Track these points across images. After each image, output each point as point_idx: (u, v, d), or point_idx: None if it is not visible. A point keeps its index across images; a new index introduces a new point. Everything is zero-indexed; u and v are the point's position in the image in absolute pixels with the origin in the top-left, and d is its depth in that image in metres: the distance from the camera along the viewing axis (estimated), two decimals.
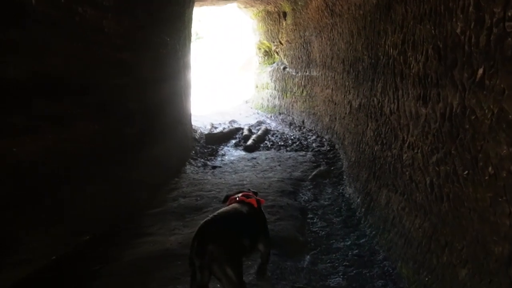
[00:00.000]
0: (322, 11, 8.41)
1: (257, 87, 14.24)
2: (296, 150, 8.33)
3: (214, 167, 7.15)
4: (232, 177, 6.34)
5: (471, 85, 2.26)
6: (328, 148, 8.07)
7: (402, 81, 3.46)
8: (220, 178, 6.29)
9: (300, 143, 8.97)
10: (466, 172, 2.30)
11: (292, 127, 11.04)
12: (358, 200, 4.72)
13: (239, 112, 14.27)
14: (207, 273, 2.46)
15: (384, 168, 3.92)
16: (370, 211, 4.22)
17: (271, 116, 12.75)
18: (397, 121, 3.58)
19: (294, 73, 11.30)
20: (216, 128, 11.47)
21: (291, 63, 11.50)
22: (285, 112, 12.07)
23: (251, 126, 11.53)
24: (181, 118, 7.39)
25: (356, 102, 5.82)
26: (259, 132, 9.92)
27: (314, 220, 4.68)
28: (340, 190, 5.61)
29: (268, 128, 11.06)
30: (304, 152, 8.08)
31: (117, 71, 4.40)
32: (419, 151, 3.01)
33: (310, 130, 10.10)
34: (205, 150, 8.56)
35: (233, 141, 9.58)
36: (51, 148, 3.24)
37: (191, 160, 7.48)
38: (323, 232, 4.34)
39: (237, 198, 3.08)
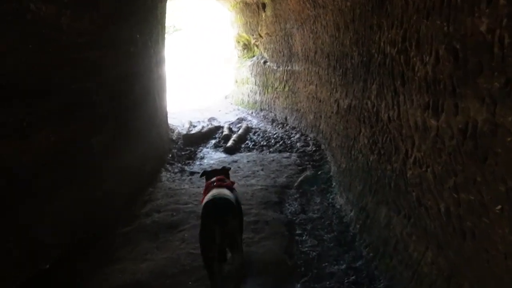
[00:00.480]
0: (304, 2, 7.89)
1: (236, 82, 13.68)
2: (280, 151, 7.84)
3: (192, 173, 6.61)
4: None
5: (505, 99, 1.79)
6: (313, 149, 7.61)
7: (403, 85, 2.99)
8: (198, 187, 5.75)
9: (284, 142, 8.48)
10: (500, 207, 1.84)
11: (274, 124, 10.54)
12: (352, 213, 4.26)
13: (218, 109, 13.70)
14: (226, 240, 3.09)
15: (382, 182, 3.46)
16: (366, 229, 3.76)
17: (252, 113, 12.23)
18: (397, 130, 3.11)
19: (275, 68, 10.78)
20: (194, 126, 10.89)
21: (272, 57, 10.97)
22: (267, 108, 11.57)
23: (232, 123, 11.00)
24: (156, 120, 6.82)
25: (344, 102, 5.34)
26: (240, 131, 9.39)
27: (303, 238, 4.21)
28: (330, 200, 5.15)
29: (250, 125, 10.54)
30: (288, 154, 7.60)
31: (82, 72, 3.83)
32: (429, 170, 2.55)
33: (294, 128, 9.63)
34: (183, 153, 8.00)
35: (213, 142, 9.03)
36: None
37: (168, 166, 6.92)
38: (314, 253, 3.87)
39: (214, 184, 3.55)
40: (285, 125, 10.14)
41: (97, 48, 4.15)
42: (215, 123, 11.31)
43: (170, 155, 7.57)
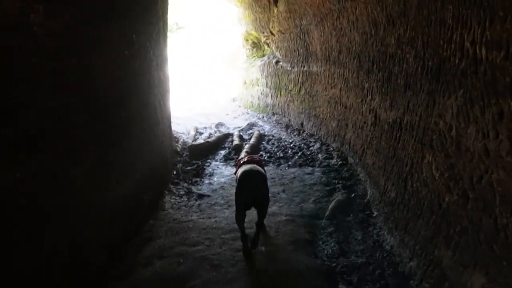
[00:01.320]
0: None
1: (245, 83, 12.69)
2: (300, 165, 6.86)
3: (200, 196, 5.65)
4: (225, 216, 4.84)
5: None
6: (339, 162, 6.63)
7: None
8: (210, 217, 4.79)
9: (303, 154, 7.50)
10: None
11: (289, 130, 9.56)
12: (413, 264, 3.28)
13: (226, 112, 12.73)
14: (258, 204, 3.97)
15: (473, 238, 2.47)
16: None
17: (263, 117, 11.24)
18: (507, 171, 2.13)
19: (289, 68, 9.79)
20: (201, 134, 9.94)
21: (285, 56, 9.97)
22: (280, 113, 10.57)
23: (242, 129, 10.03)
24: (158, 133, 5.85)
25: (388, 114, 4.35)
26: (252, 140, 8.41)
27: None
28: (374, 236, 4.15)
29: (262, 132, 9.57)
30: (310, 169, 6.61)
31: (55, 85, 2.87)
32: None
33: (312, 135, 8.65)
34: (189, 168, 7.03)
35: (222, 153, 8.06)
36: None
37: (171, 187, 5.96)
38: None
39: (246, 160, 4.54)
40: (301, 132, 9.16)
41: (78, 54, 3.18)
42: (223, 129, 10.35)
43: (175, 172, 6.60)
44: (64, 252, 3.01)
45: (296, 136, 8.98)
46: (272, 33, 10.40)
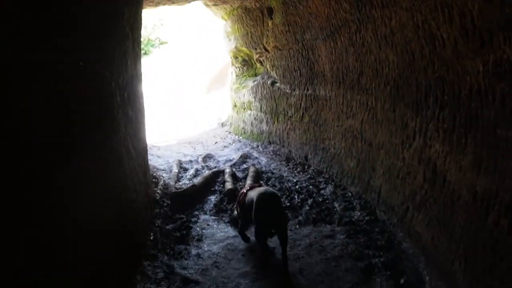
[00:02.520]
0: (339, 1, 5.46)
1: (235, 106, 11.18)
2: (315, 222, 5.32)
3: (186, 282, 4.07)
4: None
5: None
6: (365, 217, 5.13)
7: None
8: None
9: (315, 201, 5.98)
10: None
11: (291, 165, 8.05)
12: None
13: (214, 140, 11.17)
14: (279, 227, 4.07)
15: None
16: None
17: (258, 146, 9.71)
18: None
19: (288, 91, 8.32)
20: (186, 170, 8.41)
21: (283, 76, 8.50)
22: (278, 142, 9.06)
23: (234, 164, 8.49)
24: (128, 190, 4.27)
25: (470, 177, 2.86)
26: (249, 182, 6.87)
27: None
28: None
29: (259, 167, 8.06)
30: (329, 227, 5.10)
31: None
32: None
33: (320, 173, 7.15)
34: (170, 226, 5.45)
35: (213, 199, 6.52)
36: None
37: (147, 264, 4.36)
38: None
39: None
40: (306, 167, 7.66)
41: None
42: (212, 163, 8.81)
43: (152, 236, 5.01)
44: None
45: (301, 173, 7.46)
46: (266, 50, 8.95)
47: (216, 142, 10.88)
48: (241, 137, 10.80)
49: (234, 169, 8.05)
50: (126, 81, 4.48)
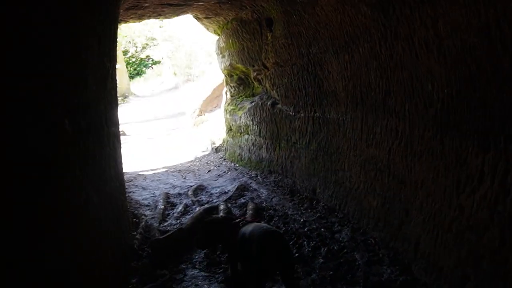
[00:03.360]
0: (356, 5, 4.46)
1: (231, 130, 10.10)
2: (332, 282, 4.17)
3: None
4: None
5: None
6: (400, 278, 3.99)
7: None
8: None
9: (329, 250, 4.84)
10: None
11: (296, 199, 6.94)
12: None
13: (207, 168, 10.05)
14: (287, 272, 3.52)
15: None
16: None
17: (256, 176, 8.59)
18: None
19: (291, 113, 7.26)
20: (173, 206, 7.31)
21: (285, 96, 7.45)
22: (280, 171, 7.96)
23: (230, 197, 7.39)
24: (80, 265, 3.13)
25: None
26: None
27: None
28: None
29: (258, 202, 6.96)
30: None
31: None
32: None
33: (332, 210, 6.04)
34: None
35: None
36: None
37: None
38: None
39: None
40: (314, 202, 6.55)
41: None
42: (204, 197, 7.72)
43: None
44: None
45: (309, 210, 6.34)
46: (265, 66, 7.93)
47: (209, 171, 9.76)
48: (237, 165, 9.69)
49: (229, 205, 6.95)
50: (85, 105, 3.40)
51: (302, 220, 5.96)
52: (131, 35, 35.00)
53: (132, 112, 23.39)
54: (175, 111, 21.12)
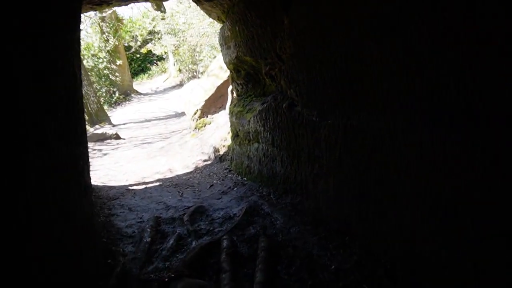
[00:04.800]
0: None
1: (237, 136, 8.57)
2: None
3: None
4: None
5: None
6: None
7: None
8: None
9: None
10: None
11: (322, 231, 5.41)
12: None
13: (209, 181, 8.56)
14: None
15: None
16: None
17: (269, 194, 7.07)
18: None
19: (315, 118, 5.70)
20: (164, 237, 5.90)
21: (307, 97, 5.91)
22: (299, 191, 6.42)
23: (236, 226, 5.91)
24: None
25: None
26: (259, 276, 4.24)
27: None
28: None
29: (271, 232, 5.48)
30: None
31: None
32: None
33: (374, 254, 4.50)
34: None
35: None
36: None
37: None
38: None
39: None
40: (347, 239, 5.02)
41: None
42: (203, 224, 6.27)
43: None
44: None
45: (341, 251, 4.81)
46: (280, 59, 6.39)
47: (211, 185, 8.26)
48: (245, 178, 8.18)
49: (235, 237, 5.47)
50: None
51: (333, 266, 4.46)
52: (134, 30, 33.73)
53: (132, 112, 22.06)
54: (177, 110, 19.72)
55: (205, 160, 10.21)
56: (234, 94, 9.10)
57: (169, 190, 8.08)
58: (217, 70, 12.45)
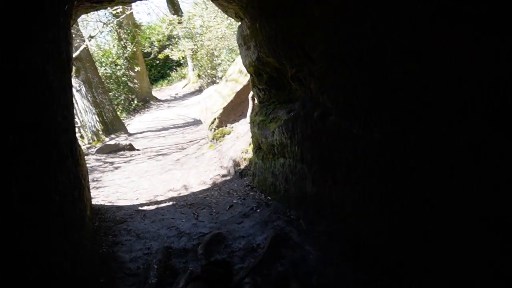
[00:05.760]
0: None
1: (260, 148, 7.57)
2: None
3: None
4: None
5: None
6: None
7: None
8: None
9: None
10: None
11: (366, 267, 4.37)
12: None
13: (228, 201, 7.56)
14: None
15: None
16: None
17: (298, 219, 6.03)
18: None
19: (355, 131, 4.65)
20: (174, 275, 4.97)
21: (345, 105, 4.86)
22: (335, 216, 5.37)
23: (260, 261, 4.90)
24: None
25: None
26: None
27: None
28: None
29: (303, 271, 4.47)
30: None
31: None
32: None
33: None
34: None
35: None
36: None
37: None
38: None
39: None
40: (404, 283, 3.95)
41: None
42: (221, 256, 5.25)
43: None
44: None
45: None
46: (310, 59, 5.38)
47: (231, 206, 7.26)
48: (269, 198, 7.17)
49: (260, 279, 4.48)
50: None
51: None
52: (152, 35, 33.27)
53: (150, 119, 21.36)
54: (196, 117, 18.89)
55: (223, 175, 9.22)
56: (256, 101, 8.12)
57: (183, 211, 7.13)
58: (236, 74, 11.50)
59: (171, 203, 7.76)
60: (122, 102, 27.07)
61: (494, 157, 2.83)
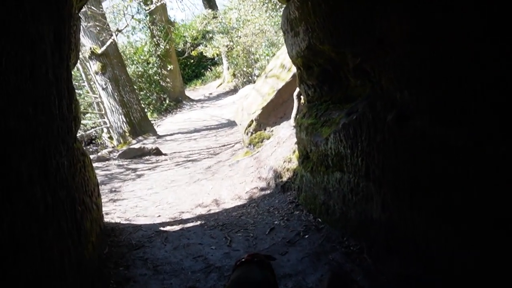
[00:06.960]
0: None
1: (307, 158, 6.37)
2: None
3: None
4: None
5: None
6: None
7: None
8: None
9: None
10: None
11: None
12: None
13: (268, 222, 6.37)
14: None
15: None
16: None
17: (361, 252, 4.79)
18: None
19: (454, 141, 3.39)
20: None
21: (435, 105, 3.61)
22: (414, 254, 4.10)
23: None
24: None
25: None
26: None
27: None
28: None
29: None
30: None
31: None
32: None
33: None
34: None
35: None
36: None
37: None
38: None
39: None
40: None
41: None
42: None
43: None
44: None
45: None
46: (382, 45, 4.15)
47: (272, 228, 6.08)
48: (319, 220, 5.95)
49: None
50: None
51: None
52: (186, 31, 32.66)
53: (182, 120, 20.55)
54: (230, 118, 17.89)
55: (262, 189, 8.03)
56: (302, 100, 6.93)
57: (213, 234, 6.02)
58: (277, 70, 10.32)
59: (199, 222, 6.66)
60: (154, 101, 26.48)
61: None
